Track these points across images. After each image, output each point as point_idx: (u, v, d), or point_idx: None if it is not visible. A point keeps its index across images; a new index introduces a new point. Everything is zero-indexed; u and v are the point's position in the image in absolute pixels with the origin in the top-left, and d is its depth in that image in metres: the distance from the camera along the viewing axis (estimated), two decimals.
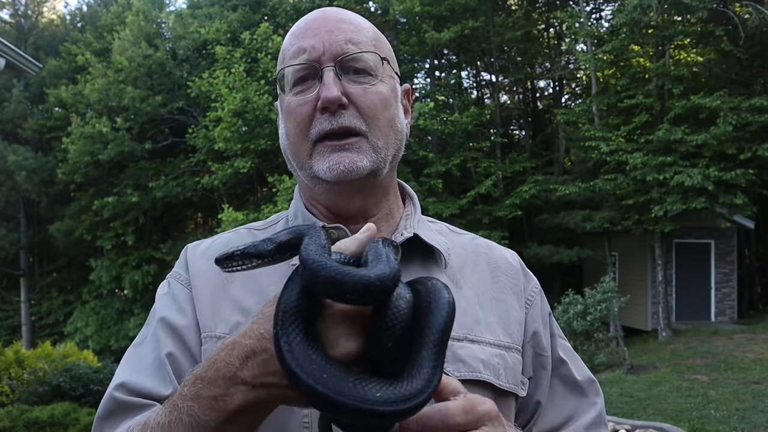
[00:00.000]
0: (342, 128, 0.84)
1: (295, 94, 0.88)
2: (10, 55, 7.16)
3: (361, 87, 0.86)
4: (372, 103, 0.86)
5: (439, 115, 15.66)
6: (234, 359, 0.59)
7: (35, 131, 20.29)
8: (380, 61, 0.89)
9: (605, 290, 10.52)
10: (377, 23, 16.75)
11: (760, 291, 17.45)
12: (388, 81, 0.90)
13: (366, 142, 0.86)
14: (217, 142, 15.32)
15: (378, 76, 0.88)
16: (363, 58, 0.87)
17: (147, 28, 18.56)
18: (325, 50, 0.86)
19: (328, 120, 0.85)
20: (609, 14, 18.10)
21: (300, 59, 0.87)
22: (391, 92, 0.90)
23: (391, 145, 0.89)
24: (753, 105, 12.28)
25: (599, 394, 0.92)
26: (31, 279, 21.26)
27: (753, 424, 6.39)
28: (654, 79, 13.53)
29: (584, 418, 0.87)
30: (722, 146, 12.43)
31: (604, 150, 13.13)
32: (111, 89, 17.55)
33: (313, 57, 0.86)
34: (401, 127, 0.92)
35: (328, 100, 0.83)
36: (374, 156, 0.86)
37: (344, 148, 0.85)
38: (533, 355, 0.89)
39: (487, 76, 19.98)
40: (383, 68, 0.90)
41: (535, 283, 0.95)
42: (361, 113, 0.86)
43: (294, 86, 0.88)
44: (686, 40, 14.54)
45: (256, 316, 0.63)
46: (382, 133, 0.87)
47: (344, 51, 0.86)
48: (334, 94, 0.83)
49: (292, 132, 0.88)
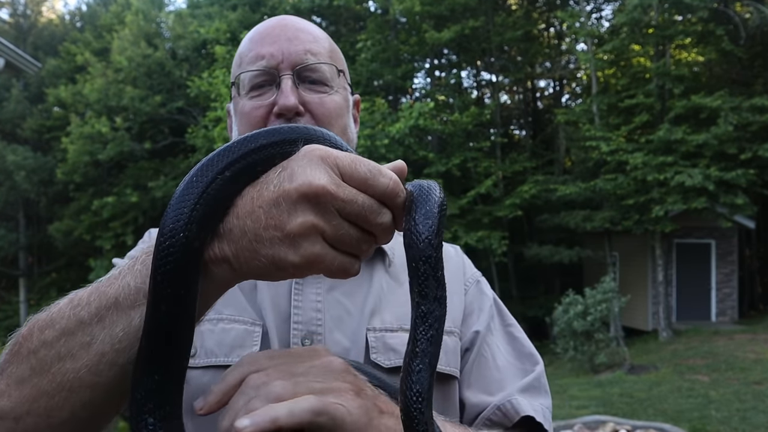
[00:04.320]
0: None
1: (251, 98, 0.90)
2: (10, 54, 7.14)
3: (318, 96, 0.89)
4: (327, 111, 0.89)
5: (439, 115, 15.65)
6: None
7: (34, 131, 20.28)
8: (336, 72, 0.93)
9: (606, 290, 10.50)
10: (377, 23, 16.84)
11: (761, 291, 17.43)
12: (341, 92, 0.94)
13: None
14: (217, 142, 15.31)
15: (333, 86, 0.92)
16: (320, 68, 0.90)
17: (146, 28, 18.55)
18: (284, 58, 0.89)
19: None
20: (609, 14, 18.09)
21: (258, 65, 0.89)
22: (344, 102, 0.94)
23: None
24: (754, 105, 12.27)
25: (538, 363, 0.91)
26: (30, 279, 21.24)
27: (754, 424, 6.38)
28: (654, 79, 13.52)
29: (518, 383, 0.86)
30: (723, 146, 12.42)
31: (605, 150, 13.11)
32: (110, 89, 17.55)
33: (272, 64, 0.89)
34: (352, 135, 0.97)
35: (286, 107, 0.86)
36: None
37: None
38: (467, 334, 0.91)
39: (487, 76, 19.97)
40: (338, 79, 0.93)
41: (473, 273, 0.98)
42: (316, 121, 0.89)
43: (250, 90, 0.90)
44: (687, 40, 14.53)
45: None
46: None
47: (303, 61, 0.89)
48: (292, 101, 0.86)
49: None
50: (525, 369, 0.90)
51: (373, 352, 0.82)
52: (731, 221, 13.19)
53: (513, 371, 0.89)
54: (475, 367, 0.88)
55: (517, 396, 0.84)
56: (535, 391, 0.87)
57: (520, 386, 0.86)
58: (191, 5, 20.23)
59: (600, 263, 14.98)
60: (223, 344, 0.81)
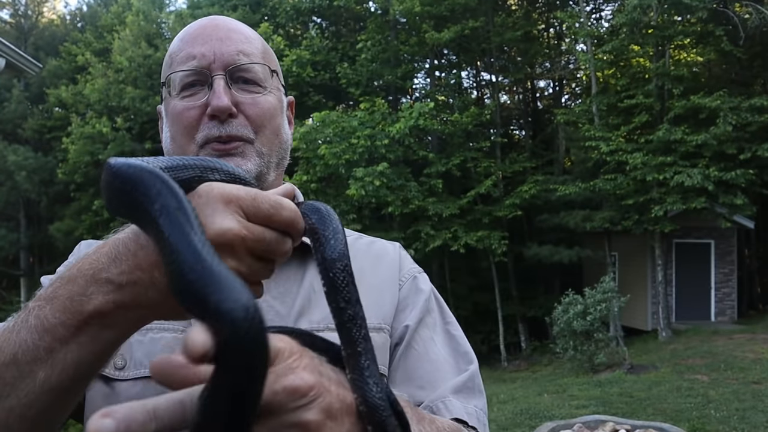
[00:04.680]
0: (229, 136, 0.86)
1: (182, 98, 0.88)
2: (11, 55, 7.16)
3: (251, 96, 0.88)
4: (260, 112, 0.88)
5: (439, 115, 15.66)
6: (102, 256, 0.52)
7: (35, 131, 20.29)
8: (269, 72, 0.92)
9: (605, 290, 10.52)
10: (377, 23, 16.84)
11: (760, 291, 17.45)
12: (275, 92, 0.93)
13: (251, 147, 0.88)
14: None
15: (267, 87, 0.90)
16: (253, 69, 0.89)
17: (147, 28, 18.57)
18: (215, 58, 0.87)
19: (216, 127, 0.86)
20: (609, 14, 18.11)
21: (189, 65, 0.88)
22: (278, 103, 0.93)
23: (274, 152, 0.91)
24: (753, 105, 12.29)
25: (472, 362, 0.88)
26: (31, 279, 21.24)
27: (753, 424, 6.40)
28: (654, 79, 13.54)
29: (450, 382, 0.83)
30: (722, 146, 12.44)
31: (604, 150, 13.13)
32: (111, 89, 17.57)
33: (203, 64, 0.87)
34: (286, 136, 0.95)
35: (219, 108, 0.84)
36: (258, 160, 0.88)
37: (230, 152, 0.86)
38: (398, 329, 0.89)
39: (487, 76, 19.99)
40: (272, 80, 0.92)
41: (410, 269, 0.96)
42: (249, 122, 0.87)
43: (181, 91, 0.89)
44: (686, 40, 14.55)
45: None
46: (268, 140, 0.90)
47: (235, 61, 0.87)
48: (225, 102, 0.84)
49: (178, 135, 0.89)
50: (459, 367, 0.87)
51: None
52: (731, 221, 13.21)
53: (446, 367, 0.85)
54: (402, 360, 0.86)
55: (450, 397, 0.81)
56: (469, 392, 0.84)
57: (453, 386, 0.83)
58: (192, 6, 20.25)
59: (599, 263, 14.99)
60: (152, 354, 0.79)
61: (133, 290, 0.51)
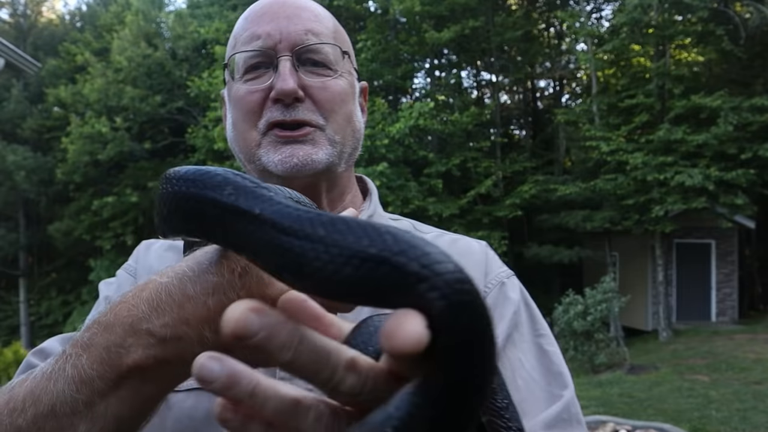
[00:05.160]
0: (295, 121, 0.79)
1: (245, 81, 0.82)
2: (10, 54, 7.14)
3: (320, 80, 0.81)
4: (330, 97, 0.81)
5: (439, 114, 15.65)
6: (141, 302, 0.45)
7: (34, 131, 20.27)
8: (341, 54, 0.84)
9: (605, 290, 10.50)
10: (377, 23, 16.83)
11: (761, 291, 17.42)
12: (347, 76, 0.85)
13: (322, 134, 0.80)
14: (217, 142, 15.32)
15: (337, 70, 0.83)
16: (323, 50, 0.81)
17: (146, 28, 18.55)
18: (282, 38, 0.80)
19: (280, 111, 0.79)
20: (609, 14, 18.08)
21: (253, 45, 0.81)
22: (350, 88, 0.85)
23: (348, 142, 0.84)
24: (754, 105, 12.27)
25: (567, 385, 0.75)
26: (30, 279, 21.24)
27: (754, 424, 6.37)
28: (654, 79, 13.52)
29: (543, 414, 0.71)
30: (723, 146, 12.42)
31: (605, 150, 13.11)
32: (110, 89, 17.54)
33: (269, 44, 0.80)
34: (359, 125, 0.87)
35: (284, 92, 0.77)
36: (330, 149, 0.80)
37: (298, 140, 0.79)
38: None
39: (487, 76, 19.97)
40: (343, 62, 0.84)
41: (498, 273, 0.84)
42: (318, 107, 0.80)
43: (245, 74, 0.82)
44: (686, 40, 14.53)
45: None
46: (340, 128, 0.82)
47: (303, 41, 0.80)
48: (290, 86, 0.77)
49: (240, 120, 0.83)
50: (552, 393, 0.74)
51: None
52: (731, 221, 13.19)
53: (537, 394, 0.73)
54: None
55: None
56: (565, 425, 0.71)
57: (545, 420, 0.70)
58: (191, 5, 20.23)
59: (600, 263, 14.97)
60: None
61: (177, 345, 0.45)
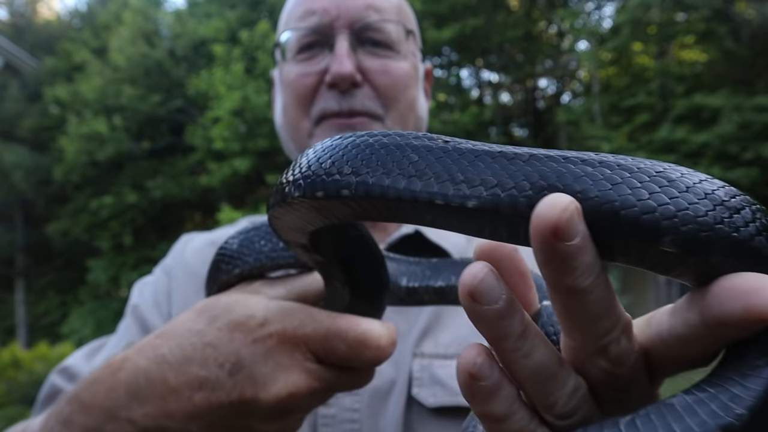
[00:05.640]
0: (352, 111, 0.71)
1: (298, 62, 0.73)
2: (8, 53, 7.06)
3: (380, 62, 0.72)
4: (392, 81, 0.72)
5: (440, 114, 15.61)
6: (120, 385, 0.40)
7: (32, 130, 20.19)
8: (404, 33, 0.75)
9: None
10: None
11: None
12: (410, 58, 0.76)
13: (380, 126, 0.72)
14: (216, 142, 15.25)
15: (400, 50, 0.74)
16: (385, 28, 0.73)
17: (145, 27, 18.47)
18: (339, 14, 0.71)
19: (335, 99, 0.71)
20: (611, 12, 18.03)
21: (308, 22, 0.72)
22: (413, 71, 0.77)
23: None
24: (757, 104, 12.22)
25: None
26: (27, 279, 21.16)
27: None
28: (656, 78, 13.47)
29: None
30: (725, 146, 12.36)
31: (606, 149, 13.05)
32: (108, 88, 17.47)
33: (325, 21, 0.72)
34: (422, 112, 0.79)
35: (340, 75, 0.69)
36: None
37: (354, 127, 0.71)
38: None
39: (488, 76, 19.90)
40: (407, 42, 0.76)
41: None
42: (378, 94, 0.72)
43: (298, 53, 0.74)
44: (688, 39, 14.48)
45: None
46: (401, 118, 0.74)
47: (363, 18, 0.72)
48: (347, 69, 0.69)
49: (291, 106, 0.74)
50: None
51: (415, 385, 0.65)
52: None
53: None
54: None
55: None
56: None
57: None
58: (190, 4, 20.15)
59: None
60: None
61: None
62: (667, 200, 0.27)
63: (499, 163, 0.29)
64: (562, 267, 0.26)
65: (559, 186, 0.28)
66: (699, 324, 0.28)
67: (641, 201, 0.26)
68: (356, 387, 0.44)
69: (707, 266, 0.28)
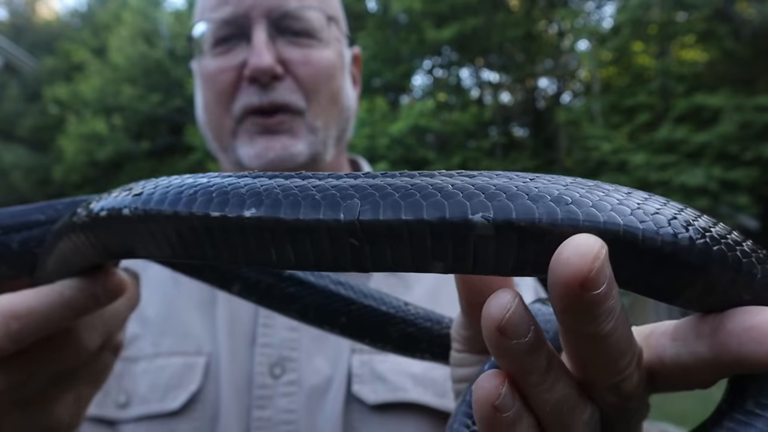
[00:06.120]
0: (273, 104, 0.68)
1: (215, 56, 0.69)
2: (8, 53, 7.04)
3: (301, 52, 0.69)
4: (315, 71, 0.69)
5: (440, 113, 15.60)
6: None
7: (32, 130, 20.19)
8: (325, 20, 0.72)
9: None
10: (377, 22, 16.74)
11: None
12: (334, 45, 0.73)
13: (302, 121, 0.69)
14: None
15: (323, 38, 0.71)
16: (305, 15, 0.69)
17: (144, 27, 18.46)
18: (255, 2, 0.68)
19: (256, 93, 0.67)
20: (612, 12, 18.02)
21: (222, 13, 0.68)
22: (338, 59, 0.73)
23: (332, 125, 0.72)
24: (757, 104, 12.20)
25: None
26: None
27: None
28: (656, 78, 13.45)
29: None
30: (726, 146, 12.34)
31: (606, 149, 13.03)
32: (108, 88, 17.47)
33: (240, 11, 0.68)
34: (348, 102, 0.76)
35: (259, 69, 0.66)
36: (312, 138, 0.70)
37: (274, 129, 0.68)
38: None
39: (488, 75, 19.88)
40: (329, 29, 0.72)
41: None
42: (299, 85, 0.69)
43: (214, 47, 0.70)
44: (689, 39, 14.45)
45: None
46: (323, 110, 0.71)
47: (281, 5, 0.68)
48: (266, 61, 0.66)
49: (211, 103, 0.71)
50: None
51: (355, 382, 0.63)
52: (734, 221, 13.09)
53: None
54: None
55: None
56: None
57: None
58: (190, 4, 20.14)
59: None
60: (158, 387, 0.62)
61: None
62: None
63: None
64: (585, 316, 0.24)
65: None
66: (710, 359, 0.27)
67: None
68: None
69: (717, 291, 0.27)
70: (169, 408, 0.58)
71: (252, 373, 0.62)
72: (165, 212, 0.28)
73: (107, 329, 0.41)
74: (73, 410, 0.42)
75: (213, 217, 0.26)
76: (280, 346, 0.64)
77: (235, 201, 0.26)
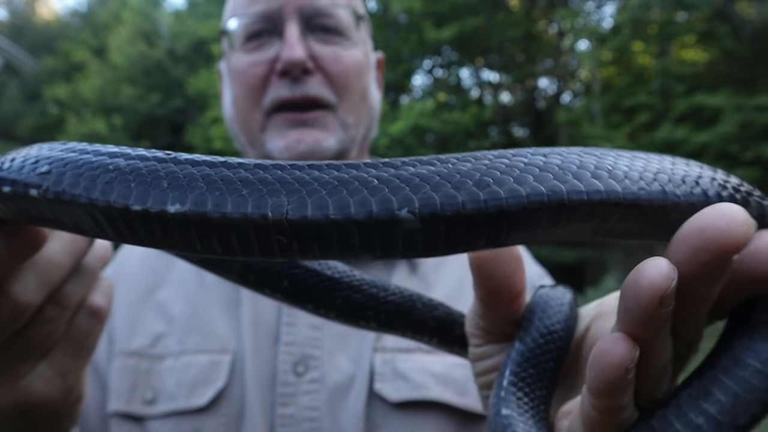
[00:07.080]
0: (305, 98, 0.68)
1: (247, 51, 0.70)
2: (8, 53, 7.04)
3: (331, 49, 0.70)
4: (344, 69, 0.70)
5: (440, 113, 15.59)
6: None
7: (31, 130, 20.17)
8: (355, 19, 0.73)
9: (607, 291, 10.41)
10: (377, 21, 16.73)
11: None
12: (362, 45, 0.74)
13: (333, 116, 0.70)
14: (215, 142, 15.23)
15: (351, 38, 0.72)
16: (335, 13, 0.70)
17: (144, 27, 18.45)
18: (288, 0, 0.69)
19: (287, 86, 0.68)
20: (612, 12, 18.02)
21: (255, 9, 0.69)
22: (365, 59, 0.75)
23: (362, 123, 0.74)
24: (758, 104, 12.20)
25: None
26: None
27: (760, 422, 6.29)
28: (657, 78, 13.45)
29: None
30: (726, 146, 12.34)
31: None
32: (107, 88, 17.46)
33: (273, 7, 0.69)
34: (374, 103, 0.78)
35: (291, 62, 0.66)
36: (342, 134, 0.70)
37: (306, 123, 0.68)
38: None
39: (488, 75, 19.87)
40: (358, 30, 0.73)
41: (530, 275, 0.75)
42: (330, 81, 0.69)
43: (246, 42, 0.71)
44: (689, 39, 14.45)
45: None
46: (354, 107, 0.72)
47: (312, 2, 0.69)
48: (298, 55, 0.66)
49: (241, 98, 0.71)
50: None
51: (377, 380, 0.63)
52: None
53: None
54: None
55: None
56: None
57: None
58: (190, 4, 20.13)
59: (602, 264, 14.87)
60: (184, 384, 0.63)
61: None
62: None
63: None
64: (722, 277, 0.25)
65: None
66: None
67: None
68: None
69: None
70: (196, 404, 0.59)
71: (276, 371, 0.63)
72: (80, 201, 0.26)
73: (44, 281, 0.37)
74: (60, 385, 0.40)
75: (134, 210, 0.25)
76: (303, 344, 0.65)
77: (157, 195, 0.25)
